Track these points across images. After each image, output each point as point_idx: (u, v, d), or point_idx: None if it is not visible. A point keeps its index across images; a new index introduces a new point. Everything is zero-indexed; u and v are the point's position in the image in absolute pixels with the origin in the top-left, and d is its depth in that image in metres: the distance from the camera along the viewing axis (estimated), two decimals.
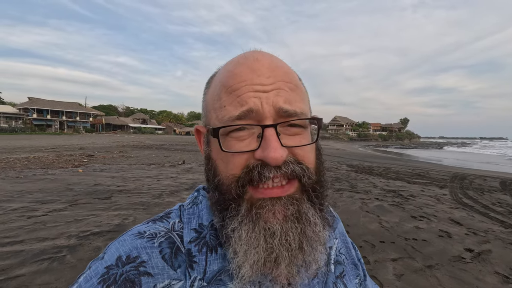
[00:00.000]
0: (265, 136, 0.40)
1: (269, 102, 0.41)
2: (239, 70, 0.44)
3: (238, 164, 0.42)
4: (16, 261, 3.00)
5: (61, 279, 2.69)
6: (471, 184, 9.27)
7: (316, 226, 0.43)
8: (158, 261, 0.43)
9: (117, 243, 0.45)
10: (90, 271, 0.42)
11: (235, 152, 0.42)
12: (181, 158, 14.45)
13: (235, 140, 0.42)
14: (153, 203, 5.49)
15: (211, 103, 0.47)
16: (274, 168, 0.40)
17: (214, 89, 0.47)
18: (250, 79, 0.43)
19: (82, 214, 4.64)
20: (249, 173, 0.41)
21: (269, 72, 0.44)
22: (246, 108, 0.41)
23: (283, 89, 0.43)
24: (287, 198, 0.42)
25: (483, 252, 3.69)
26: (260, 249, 0.40)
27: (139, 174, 9.15)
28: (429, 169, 14.19)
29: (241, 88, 0.42)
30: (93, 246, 3.44)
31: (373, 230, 4.40)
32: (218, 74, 0.49)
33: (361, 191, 7.45)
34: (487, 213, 5.69)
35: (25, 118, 56.48)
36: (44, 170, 9.38)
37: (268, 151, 0.39)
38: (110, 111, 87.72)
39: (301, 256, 0.42)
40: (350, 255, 0.61)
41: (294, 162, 0.42)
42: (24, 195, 5.81)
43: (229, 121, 0.42)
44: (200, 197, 0.53)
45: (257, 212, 0.41)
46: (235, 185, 0.41)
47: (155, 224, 0.48)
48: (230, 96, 0.43)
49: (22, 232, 3.79)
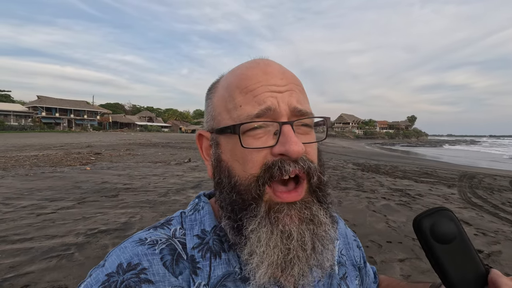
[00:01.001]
0: (283, 132, 0.42)
1: (285, 101, 0.44)
2: (252, 72, 0.46)
3: (257, 162, 0.43)
4: (26, 258, 3.06)
5: (69, 277, 2.74)
6: (480, 183, 9.11)
7: (326, 226, 0.45)
8: (159, 268, 0.43)
9: (118, 250, 0.45)
10: (91, 279, 0.41)
11: (255, 148, 0.43)
12: (187, 156, 14.53)
13: (252, 138, 0.43)
14: (159, 201, 5.54)
15: (222, 105, 0.48)
16: (293, 162, 0.42)
17: (223, 92, 0.48)
18: (265, 80, 0.45)
19: (89, 212, 4.71)
20: (269, 170, 0.42)
21: (281, 74, 0.46)
22: (265, 106, 0.43)
23: (294, 91, 0.46)
24: (301, 202, 0.44)
25: (493, 253, 3.63)
26: (278, 250, 0.42)
27: (146, 172, 9.24)
28: (437, 168, 14.00)
29: (257, 89, 0.44)
30: (100, 244, 3.48)
31: (379, 230, 4.36)
32: (225, 79, 0.50)
33: (368, 190, 7.39)
34: (497, 213, 5.59)
35: (34, 116, 57.46)
36: (52, 168, 9.54)
37: (289, 144, 0.41)
38: (117, 109, 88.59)
39: (315, 255, 0.43)
40: (350, 256, 0.62)
41: (306, 159, 0.44)
42: (34, 193, 5.92)
43: (247, 120, 0.43)
44: (201, 203, 0.53)
45: (276, 216, 0.42)
46: (255, 185, 0.42)
47: (156, 231, 0.49)
48: (246, 96, 0.44)
49: (31, 230, 3.87)
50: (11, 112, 54.55)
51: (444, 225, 0.44)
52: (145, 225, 4.15)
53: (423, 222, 0.44)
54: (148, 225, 3.37)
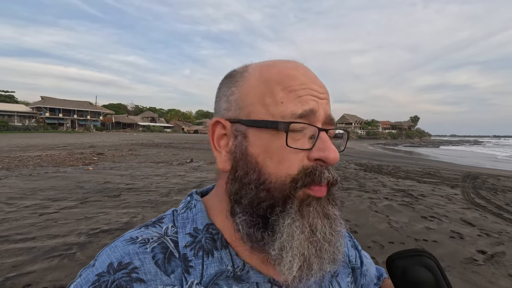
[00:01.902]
0: (321, 138, 0.44)
1: (323, 108, 0.45)
2: (295, 73, 0.46)
3: (295, 164, 0.43)
4: (28, 257, 3.08)
5: (71, 276, 2.74)
6: (484, 184, 9.05)
7: (339, 221, 0.47)
8: (150, 266, 0.42)
9: (108, 250, 0.44)
10: (81, 279, 0.41)
11: (295, 149, 0.43)
12: (189, 156, 14.56)
13: (291, 138, 0.43)
14: (161, 201, 5.55)
15: (256, 97, 0.45)
16: (327, 170, 0.44)
17: (259, 84, 0.46)
18: (308, 84, 0.45)
19: (92, 212, 4.73)
20: (310, 175, 0.43)
21: (319, 81, 0.48)
22: (309, 108, 0.43)
23: (329, 100, 0.48)
24: (324, 198, 0.45)
25: (496, 254, 3.59)
26: (307, 243, 0.43)
27: (148, 172, 9.26)
28: (440, 168, 13.91)
29: (301, 90, 0.44)
30: (102, 243, 3.49)
31: (382, 230, 4.34)
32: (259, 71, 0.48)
33: (370, 190, 7.36)
34: (501, 213, 5.54)
35: (38, 117, 57.87)
36: (56, 168, 9.59)
37: (329, 151, 0.43)
38: (120, 109, 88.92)
39: (332, 249, 0.45)
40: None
41: (333, 168, 0.47)
42: (37, 193, 5.96)
43: (290, 117, 0.43)
44: (193, 201, 0.52)
45: (307, 210, 0.43)
46: (290, 185, 0.42)
47: (148, 229, 0.48)
48: (289, 94, 0.44)
49: (34, 229, 3.89)
50: (15, 113, 54.98)
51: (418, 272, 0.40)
52: None
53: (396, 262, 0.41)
54: None
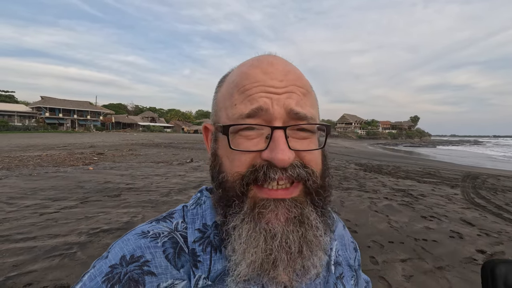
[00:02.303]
0: (273, 138, 0.41)
1: (280, 103, 0.42)
2: (253, 71, 0.45)
3: (245, 162, 0.42)
4: (29, 257, 3.08)
5: (71, 275, 2.75)
6: (483, 184, 9.05)
7: (317, 231, 0.43)
8: (161, 260, 0.43)
9: (121, 243, 0.45)
10: (95, 270, 0.42)
11: (242, 151, 0.42)
12: (189, 156, 14.56)
13: (244, 138, 0.43)
14: (161, 201, 5.55)
15: (222, 102, 0.48)
16: (280, 170, 0.41)
17: (226, 88, 0.48)
18: (263, 80, 0.43)
19: (92, 212, 4.73)
20: (255, 173, 0.41)
21: (282, 75, 0.44)
22: (256, 106, 0.42)
23: (295, 93, 0.44)
24: (291, 200, 0.42)
25: (496, 254, 3.60)
26: (259, 249, 0.40)
27: (148, 172, 9.27)
28: (440, 168, 13.92)
29: (253, 89, 0.43)
30: (102, 243, 3.50)
31: (382, 230, 4.35)
32: (231, 75, 0.50)
33: (370, 190, 7.36)
34: (501, 213, 5.55)
35: (38, 116, 57.88)
36: (56, 167, 9.59)
37: (276, 152, 0.40)
38: (120, 109, 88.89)
39: (300, 260, 0.42)
40: (345, 257, 0.62)
41: (300, 166, 0.42)
42: (37, 192, 5.96)
43: (239, 119, 0.43)
44: (203, 197, 0.53)
45: (260, 212, 0.41)
46: (239, 182, 0.42)
47: (159, 224, 0.49)
48: (241, 95, 0.44)
49: (34, 229, 3.89)
50: (15, 113, 54.96)
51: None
52: None
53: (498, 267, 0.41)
54: None
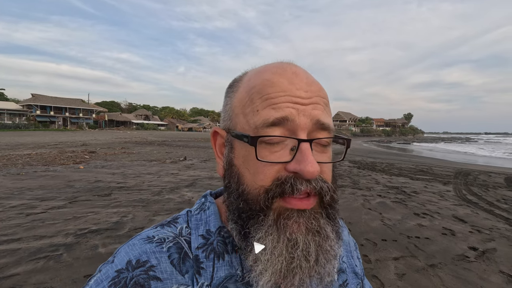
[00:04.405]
0: (301, 150, 0.41)
1: (306, 114, 0.42)
2: (278, 80, 0.44)
3: (269, 175, 0.42)
4: (12, 259, 2.97)
5: (56, 278, 2.66)
6: (475, 180, 9.15)
7: (332, 241, 0.44)
8: (167, 266, 0.43)
9: (126, 247, 0.45)
10: (101, 275, 0.42)
11: (270, 163, 0.41)
12: (183, 155, 14.44)
13: (268, 150, 0.42)
14: (153, 200, 5.46)
15: (240, 107, 0.47)
16: (305, 182, 0.41)
17: (245, 93, 0.47)
18: (289, 90, 0.43)
19: (81, 212, 4.62)
20: (281, 186, 0.41)
21: (306, 86, 0.45)
22: (282, 115, 0.41)
23: (319, 104, 0.44)
24: (310, 211, 0.43)
25: (487, 251, 3.61)
26: (283, 258, 0.41)
27: (140, 170, 9.14)
28: (433, 165, 14.05)
29: (279, 98, 0.43)
30: (90, 244, 3.40)
31: (375, 228, 4.33)
32: (248, 79, 0.49)
33: (364, 187, 7.37)
34: (492, 210, 5.60)
35: (28, 114, 56.78)
36: (45, 166, 9.40)
37: (305, 164, 0.40)
38: (113, 107, 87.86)
39: (317, 268, 0.43)
40: (350, 263, 0.62)
41: (321, 179, 0.43)
42: (24, 192, 5.81)
43: (262, 126, 0.42)
44: (207, 203, 0.53)
45: (285, 223, 0.42)
46: (264, 196, 0.41)
47: (164, 229, 0.49)
48: (265, 102, 0.43)
49: (20, 230, 3.77)
50: (5, 111, 53.84)
51: None
52: (137, 224, 4.08)
53: None
54: (140, 224, 3.25)
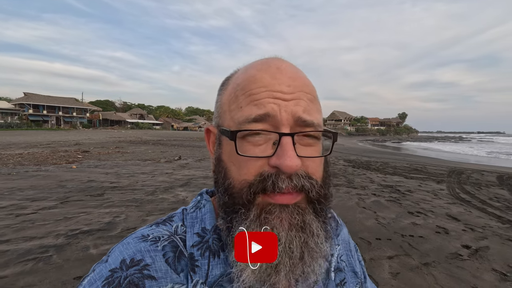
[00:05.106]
0: (281, 144, 0.40)
1: (288, 110, 0.42)
2: (260, 75, 0.45)
3: (252, 170, 0.41)
4: (0, 261, 2.90)
5: (45, 281, 2.60)
6: (468, 179, 9.24)
7: (318, 238, 0.43)
8: (161, 264, 0.43)
9: (121, 246, 0.45)
10: (94, 274, 0.42)
11: (250, 157, 0.41)
12: (178, 154, 14.34)
13: (251, 144, 0.42)
14: (147, 200, 5.40)
15: (227, 104, 0.47)
16: (287, 179, 0.40)
17: (231, 91, 0.47)
18: (271, 85, 0.43)
19: (72, 212, 4.54)
20: (263, 182, 0.40)
21: (290, 81, 0.44)
22: (263, 111, 0.41)
23: (302, 99, 0.43)
24: (293, 206, 0.41)
25: (480, 249, 3.63)
26: None
27: (134, 170, 9.04)
28: (427, 164, 14.17)
29: (261, 93, 0.43)
30: (81, 245, 3.34)
31: (369, 227, 4.34)
32: (236, 77, 0.49)
33: (358, 186, 7.39)
34: (485, 208, 5.65)
35: (21, 113, 55.88)
36: (37, 166, 9.25)
37: (284, 159, 0.39)
38: (107, 106, 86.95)
39: (301, 266, 0.42)
40: (350, 262, 0.61)
41: (305, 177, 0.42)
42: (15, 192, 5.70)
43: (245, 122, 0.42)
44: (203, 201, 0.53)
45: (266, 217, 0.41)
46: (246, 191, 0.41)
47: (158, 227, 0.49)
48: (247, 98, 0.43)
49: (9, 231, 3.69)
50: None
51: None
52: (130, 225, 4.02)
53: None
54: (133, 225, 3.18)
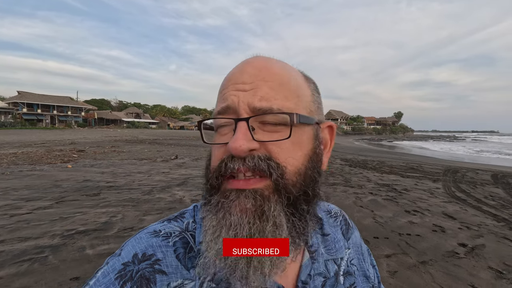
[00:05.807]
0: (236, 129, 0.42)
1: (245, 100, 0.43)
2: (232, 72, 0.47)
3: (218, 156, 0.44)
4: None
5: (41, 282, 2.56)
6: (463, 178, 9.32)
7: (279, 230, 0.40)
8: (172, 260, 0.44)
9: (133, 241, 0.46)
10: (108, 267, 0.43)
11: (214, 144, 0.46)
12: (174, 153, 14.27)
13: (219, 134, 0.45)
14: (143, 200, 5.36)
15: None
16: (239, 161, 0.41)
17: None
18: (236, 78, 0.45)
19: (68, 212, 4.49)
20: (220, 165, 0.42)
21: (254, 71, 0.45)
22: (225, 104, 0.44)
23: (260, 88, 0.43)
24: (249, 191, 0.41)
25: (476, 247, 3.66)
26: (220, 240, 0.40)
27: (130, 169, 8.98)
28: (422, 163, 14.27)
29: (228, 88, 0.45)
30: (77, 245, 3.30)
31: (367, 226, 4.35)
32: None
33: (355, 185, 7.41)
34: (480, 206, 5.70)
35: (14, 112, 55.15)
36: (32, 166, 9.13)
37: (231, 141, 0.40)
38: (103, 105, 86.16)
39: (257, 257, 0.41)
40: (362, 266, 0.60)
41: (263, 158, 0.41)
42: (9, 192, 5.62)
43: (214, 116, 0.46)
44: None
45: (222, 202, 0.41)
46: (212, 177, 0.44)
47: (170, 223, 0.50)
48: (219, 95, 0.47)
49: (3, 232, 3.63)
50: None
51: None
52: (126, 224, 3.98)
53: None
54: (130, 224, 3.16)
